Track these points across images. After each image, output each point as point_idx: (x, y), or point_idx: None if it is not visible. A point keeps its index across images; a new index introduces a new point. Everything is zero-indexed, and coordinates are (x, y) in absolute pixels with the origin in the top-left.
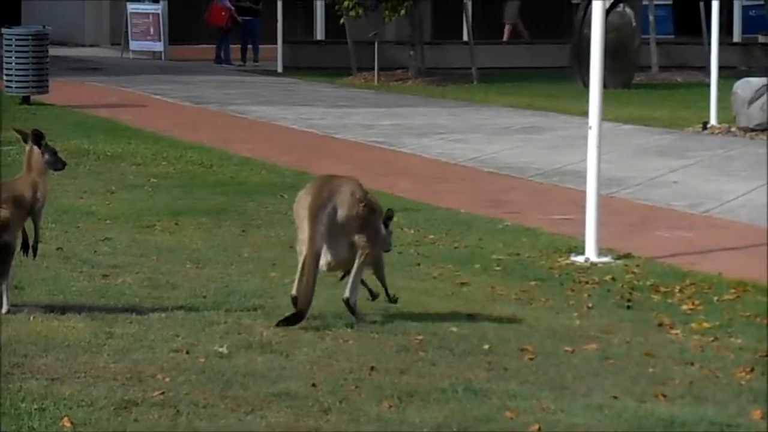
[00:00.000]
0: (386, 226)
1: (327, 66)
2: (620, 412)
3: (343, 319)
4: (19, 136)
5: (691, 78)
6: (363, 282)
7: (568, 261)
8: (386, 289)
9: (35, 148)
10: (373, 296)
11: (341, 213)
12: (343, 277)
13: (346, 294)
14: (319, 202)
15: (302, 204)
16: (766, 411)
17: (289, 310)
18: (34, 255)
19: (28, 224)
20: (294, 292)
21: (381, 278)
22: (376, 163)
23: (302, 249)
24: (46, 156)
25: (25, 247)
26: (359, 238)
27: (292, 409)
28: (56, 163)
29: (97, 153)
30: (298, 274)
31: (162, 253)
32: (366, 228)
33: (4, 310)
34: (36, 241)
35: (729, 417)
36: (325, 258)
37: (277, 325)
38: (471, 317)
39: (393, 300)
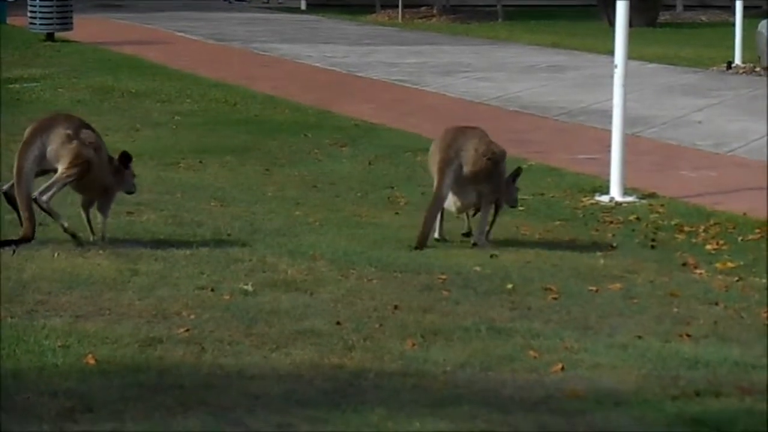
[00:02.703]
0: (513, 181)
1: (351, 3)
2: (644, 351)
3: (367, 258)
4: None
5: (715, 17)
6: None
7: (592, 201)
8: (489, 232)
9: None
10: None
11: (466, 169)
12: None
13: (473, 240)
14: (446, 159)
15: (433, 159)
16: None
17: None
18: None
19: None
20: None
21: (484, 220)
22: (399, 102)
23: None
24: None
25: None
26: (484, 187)
27: (317, 346)
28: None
29: (122, 90)
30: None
31: (186, 191)
32: (490, 178)
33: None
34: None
35: (753, 357)
36: (455, 204)
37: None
38: (494, 257)
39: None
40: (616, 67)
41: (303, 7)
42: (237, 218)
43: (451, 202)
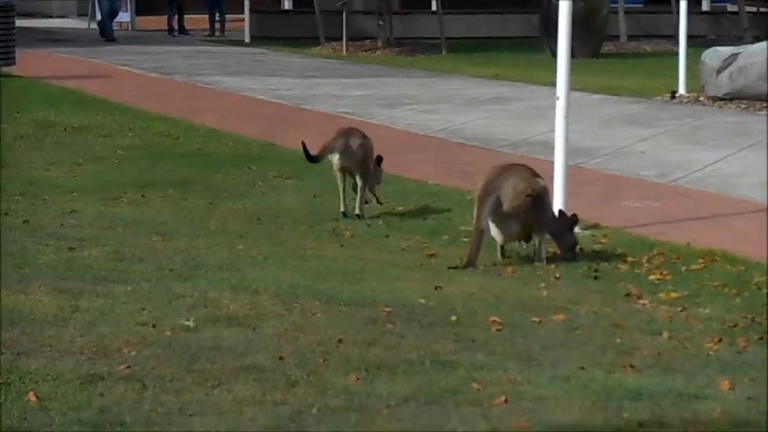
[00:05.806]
0: (570, 229)
1: (295, 36)
2: (587, 382)
3: (311, 291)
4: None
5: (659, 47)
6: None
7: None
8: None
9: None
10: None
11: (505, 205)
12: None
13: (536, 261)
14: (485, 192)
15: (477, 191)
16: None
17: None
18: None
19: None
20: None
21: (541, 249)
22: None
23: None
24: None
25: None
26: (532, 222)
27: (259, 382)
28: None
29: (64, 124)
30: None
31: (128, 226)
32: (535, 212)
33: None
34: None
35: (697, 388)
36: (499, 235)
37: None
38: (439, 289)
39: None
40: (557, 98)
41: (247, 39)
42: (179, 253)
43: (495, 232)
